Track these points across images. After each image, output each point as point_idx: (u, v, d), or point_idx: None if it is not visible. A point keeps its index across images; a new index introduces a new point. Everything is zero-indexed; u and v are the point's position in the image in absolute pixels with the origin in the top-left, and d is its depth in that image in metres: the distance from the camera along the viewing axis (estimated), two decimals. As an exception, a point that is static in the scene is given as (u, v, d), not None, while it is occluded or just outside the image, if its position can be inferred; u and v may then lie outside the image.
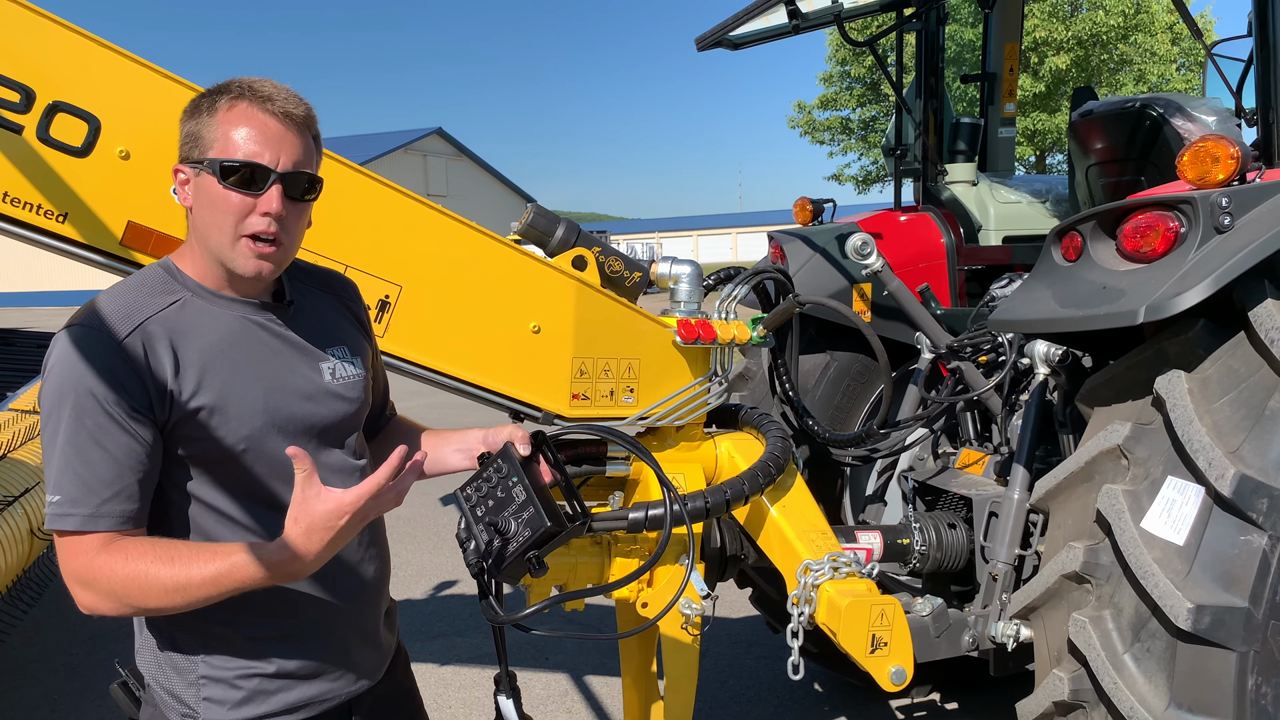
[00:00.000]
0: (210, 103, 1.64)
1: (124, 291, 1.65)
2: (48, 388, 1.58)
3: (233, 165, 1.60)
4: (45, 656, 4.96)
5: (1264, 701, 2.23)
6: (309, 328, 1.80)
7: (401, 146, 46.98)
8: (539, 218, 2.62)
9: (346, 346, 1.85)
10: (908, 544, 3.28)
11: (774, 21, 4.23)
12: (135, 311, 1.61)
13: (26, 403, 5.12)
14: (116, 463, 1.56)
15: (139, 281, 1.68)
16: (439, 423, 2.20)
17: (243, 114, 1.62)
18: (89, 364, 1.55)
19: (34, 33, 1.94)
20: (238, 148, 1.60)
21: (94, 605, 1.56)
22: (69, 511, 1.54)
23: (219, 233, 1.63)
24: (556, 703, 4.46)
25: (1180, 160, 2.49)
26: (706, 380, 2.67)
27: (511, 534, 1.73)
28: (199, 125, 1.64)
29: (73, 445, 1.55)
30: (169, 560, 1.52)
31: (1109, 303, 2.45)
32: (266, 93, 1.63)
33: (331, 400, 1.78)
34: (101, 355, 1.56)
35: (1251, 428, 2.28)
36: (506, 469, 1.81)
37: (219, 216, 1.62)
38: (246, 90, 1.63)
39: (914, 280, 4.02)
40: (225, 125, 1.61)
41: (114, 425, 1.55)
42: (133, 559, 1.53)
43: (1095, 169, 4.37)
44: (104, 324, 1.58)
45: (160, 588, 1.51)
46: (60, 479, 1.55)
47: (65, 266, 31.12)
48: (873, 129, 30.10)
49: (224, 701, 1.69)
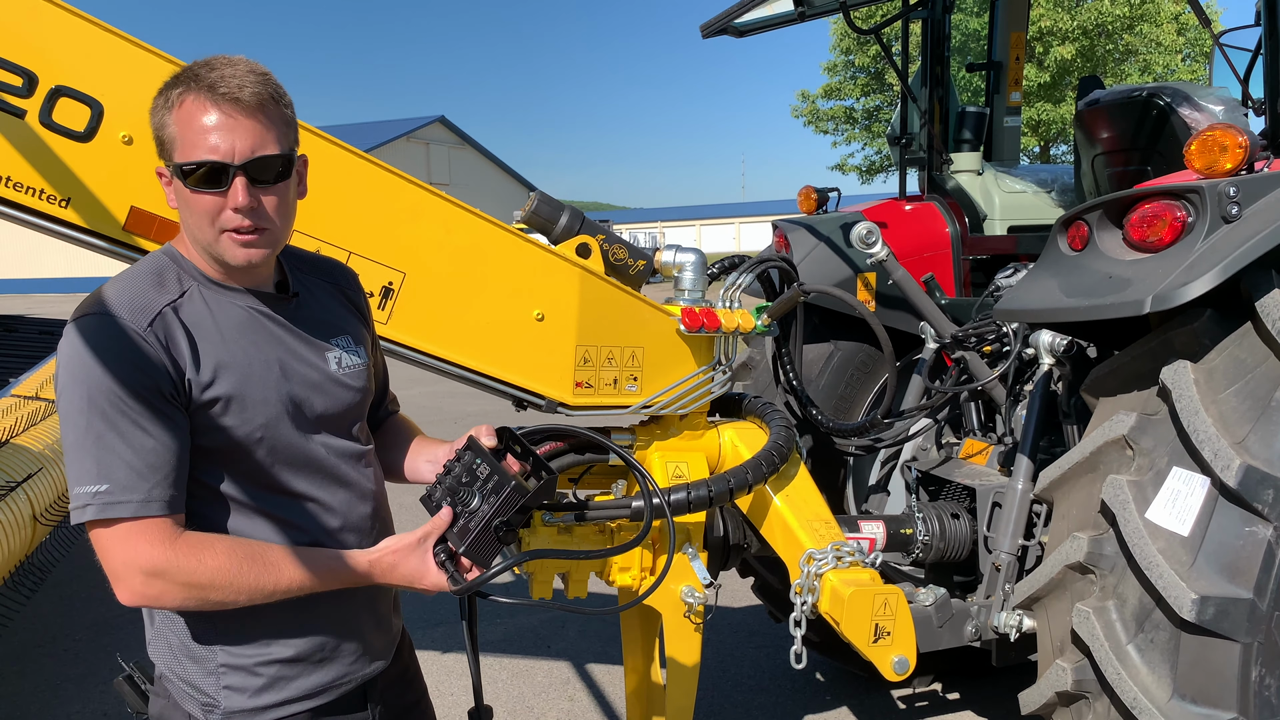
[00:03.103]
0: (164, 99, 1.61)
1: (135, 281, 1.63)
2: (73, 377, 1.55)
3: (190, 167, 1.57)
4: (48, 642, 4.97)
5: (1268, 693, 2.23)
6: (313, 318, 1.80)
7: (404, 135, 46.93)
8: (543, 205, 2.61)
9: (350, 336, 1.86)
10: (911, 534, 3.28)
11: (779, 9, 4.21)
12: (151, 301, 1.60)
13: (29, 389, 5.12)
14: (163, 447, 1.56)
15: (147, 270, 1.66)
16: (440, 411, 2.20)
17: (191, 109, 1.57)
18: (118, 352, 1.54)
19: (36, 17, 1.93)
20: (192, 147, 1.57)
21: (160, 596, 1.56)
22: (121, 499, 1.53)
23: (202, 231, 1.63)
24: (558, 690, 4.47)
25: (1188, 149, 2.48)
26: (710, 369, 2.67)
27: (475, 508, 1.74)
28: (160, 125, 1.61)
29: (115, 432, 1.53)
30: (258, 560, 1.59)
31: (1115, 292, 2.44)
32: (213, 79, 1.57)
33: (338, 389, 1.79)
34: (129, 344, 1.54)
35: (1258, 418, 2.27)
36: (469, 456, 1.82)
37: (196, 217, 1.61)
38: (193, 79, 1.58)
39: (919, 270, 4.01)
40: (179, 124, 1.58)
41: (153, 411, 1.55)
42: (220, 554, 1.57)
43: (1101, 158, 4.35)
44: (125, 313, 1.57)
45: (249, 587, 1.58)
46: (106, 467, 1.53)
47: (68, 253, 31.15)
48: (877, 118, 30.00)
49: (244, 689, 1.69)
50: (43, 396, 5.01)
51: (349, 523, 1.79)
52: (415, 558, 1.72)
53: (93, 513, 1.53)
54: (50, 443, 4.53)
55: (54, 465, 4.37)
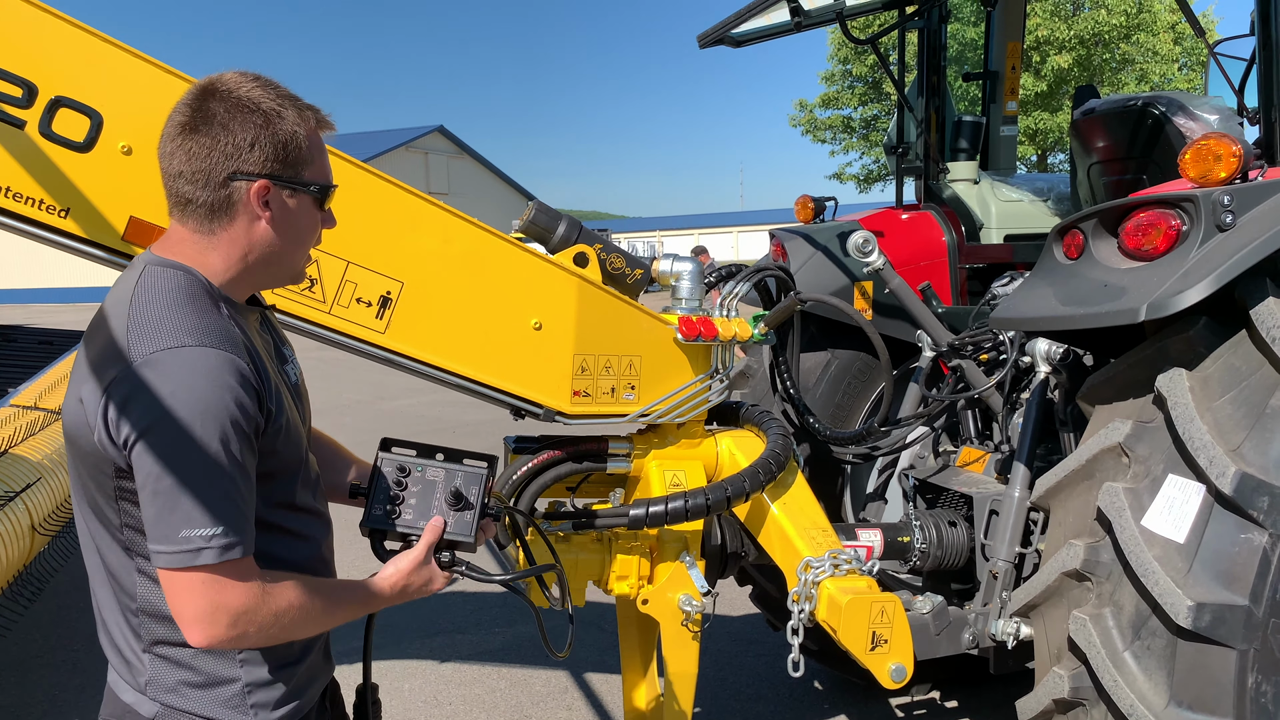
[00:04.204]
0: (295, 113, 1.62)
1: (193, 306, 1.55)
2: (179, 410, 1.45)
3: (327, 189, 1.70)
4: (47, 652, 4.97)
5: (1264, 700, 2.24)
6: (275, 332, 1.84)
7: (403, 144, 46.98)
8: (541, 214, 2.62)
9: (289, 346, 1.89)
10: (908, 542, 3.28)
11: (776, 19, 4.22)
12: (229, 329, 1.55)
13: (28, 398, 5.12)
14: (252, 487, 1.54)
15: (190, 293, 1.57)
16: (439, 420, 2.21)
17: (316, 131, 1.69)
18: (228, 389, 1.48)
19: (36, 28, 1.94)
20: (324, 169, 1.70)
21: (242, 636, 1.51)
22: (234, 540, 1.47)
23: (300, 251, 1.71)
24: (556, 699, 4.46)
25: (1182, 158, 2.49)
26: (708, 378, 2.67)
27: (460, 500, 1.81)
28: (292, 138, 1.60)
29: (235, 470, 1.48)
30: (320, 594, 1.62)
31: (1110, 301, 2.45)
32: (310, 105, 1.67)
33: (303, 401, 1.84)
34: (234, 380, 1.49)
35: (1252, 426, 2.28)
36: (406, 466, 1.85)
37: (305, 236, 1.70)
38: (296, 104, 1.64)
39: (915, 278, 4.02)
40: (312, 145, 1.65)
41: (250, 453, 1.52)
42: (290, 590, 1.56)
43: (1097, 167, 4.36)
44: (222, 344, 1.51)
45: (317, 621, 1.62)
46: (219, 508, 1.46)
47: (67, 263, 31.12)
48: (874, 127, 30.07)
49: (267, 704, 1.67)
50: (41, 406, 5.01)
51: (332, 530, 1.84)
52: (425, 571, 1.77)
53: (211, 556, 1.45)
54: (49, 453, 4.53)
55: (52, 475, 4.36)
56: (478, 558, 1.89)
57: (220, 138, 1.55)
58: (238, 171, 1.56)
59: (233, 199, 1.58)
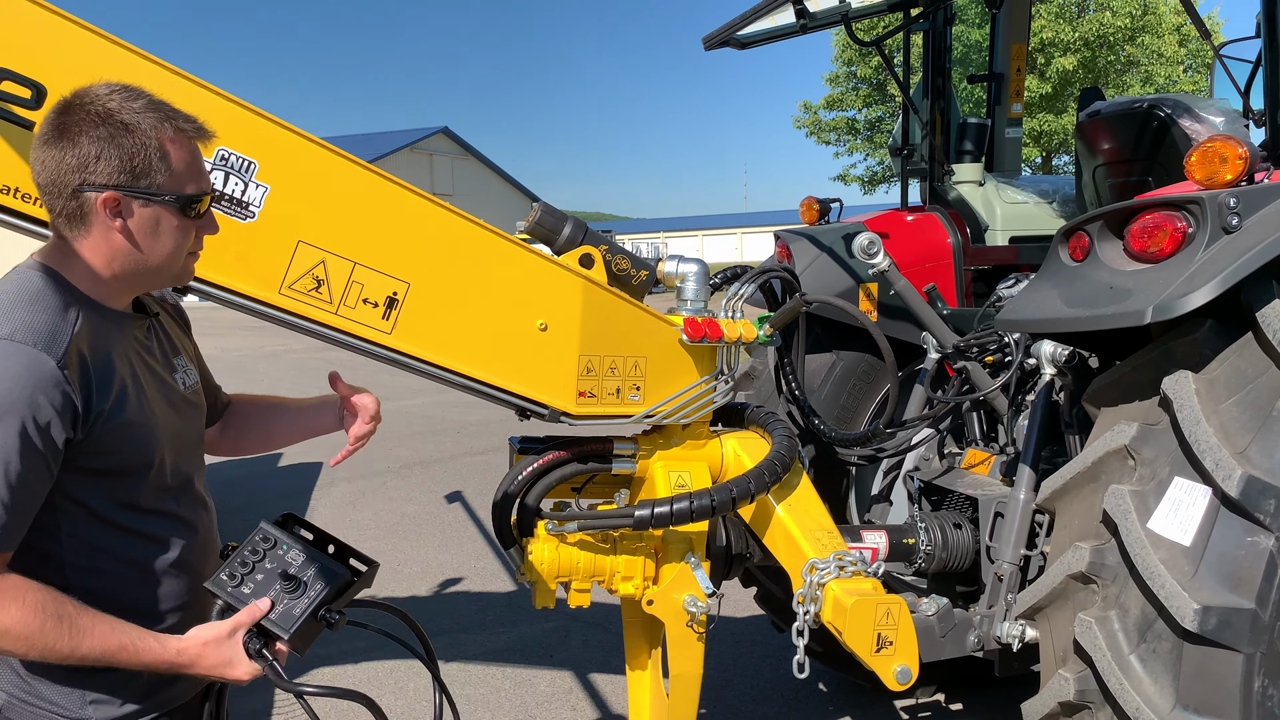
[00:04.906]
0: (154, 128, 1.65)
1: (32, 305, 1.58)
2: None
3: (198, 197, 1.70)
4: None
5: (1270, 703, 2.23)
6: (163, 338, 1.85)
7: (407, 146, 47.08)
8: (546, 215, 2.62)
9: (185, 354, 1.90)
10: (913, 543, 3.28)
11: (781, 21, 4.23)
12: (59, 330, 1.57)
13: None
14: (31, 492, 1.54)
15: (39, 293, 1.61)
16: (443, 420, 2.21)
17: (180, 141, 1.69)
18: (34, 385, 1.50)
19: (45, 29, 1.94)
20: (198, 177, 1.71)
21: None
22: None
23: (175, 257, 1.70)
24: (561, 700, 4.46)
25: (1188, 160, 2.49)
26: (713, 379, 2.67)
27: (298, 595, 1.73)
28: (161, 153, 1.64)
29: (20, 470, 1.50)
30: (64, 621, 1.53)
31: (1116, 303, 2.44)
32: (174, 114, 1.69)
33: (189, 409, 1.85)
34: (45, 377, 1.51)
35: (1259, 429, 2.28)
36: (275, 538, 1.80)
37: (176, 243, 1.69)
38: (161, 112, 1.67)
39: (920, 280, 4.02)
40: (177, 157, 1.67)
41: (42, 454, 1.52)
42: (27, 606, 1.51)
43: (1102, 169, 4.36)
44: (39, 343, 1.53)
45: (43, 646, 1.52)
46: None
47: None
48: (879, 129, 30.06)
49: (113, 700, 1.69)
50: None
51: (209, 540, 1.84)
52: (225, 649, 1.68)
53: None
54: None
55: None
56: None
57: (68, 151, 1.58)
58: (85, 183, 1.59)
59: (84, 209, 1.61)
